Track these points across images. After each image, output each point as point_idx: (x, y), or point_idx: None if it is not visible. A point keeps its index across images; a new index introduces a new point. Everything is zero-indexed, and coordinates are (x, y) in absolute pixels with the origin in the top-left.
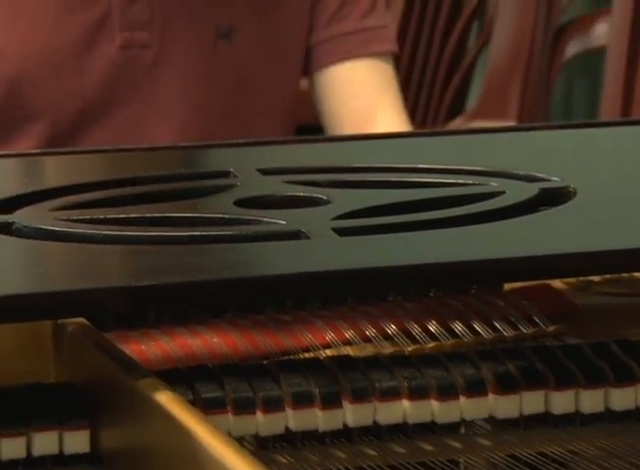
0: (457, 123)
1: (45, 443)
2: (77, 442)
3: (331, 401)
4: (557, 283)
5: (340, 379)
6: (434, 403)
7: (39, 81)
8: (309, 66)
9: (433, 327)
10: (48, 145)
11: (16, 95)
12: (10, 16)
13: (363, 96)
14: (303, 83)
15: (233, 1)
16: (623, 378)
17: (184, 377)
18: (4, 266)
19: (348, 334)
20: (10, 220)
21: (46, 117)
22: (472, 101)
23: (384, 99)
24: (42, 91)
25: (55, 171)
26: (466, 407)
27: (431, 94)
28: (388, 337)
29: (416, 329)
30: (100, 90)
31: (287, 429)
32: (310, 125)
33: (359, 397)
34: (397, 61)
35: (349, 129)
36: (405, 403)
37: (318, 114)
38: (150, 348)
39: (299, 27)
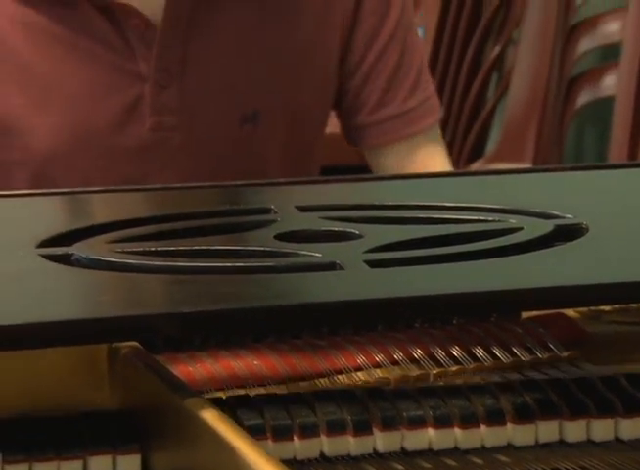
0: (478, 165)
1: (99, 466)
2: (129, 465)
3: (362, 429)
4: (570, 312)
5: (370, 408)
6: (458, 431)
7: (70, 159)
8: (360, 142)
9: (456, 352)
10: None
11: (47, 171)
12: (46, 96)
13: (413, 169)
14: (330, 126)
15: (258, 88)
16: (632, 409)
17: (228, 405)
18: (64, 294)
19: (378, 358)
20: (69, 252)
21: None
22: (491, 145)
23: (430, 163)
24: (73, 168)
25: (108, 208)
26: (486, 435)
27: (454, 139)
28: (414, 360)
29: (440, 354)
30: (129, 169)
31: (321, 453)
32: (334, 166)
33: (388, 424)
34: None
35: None
36: (430, 431)
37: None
38: (196, 369)
39: (325, 109)
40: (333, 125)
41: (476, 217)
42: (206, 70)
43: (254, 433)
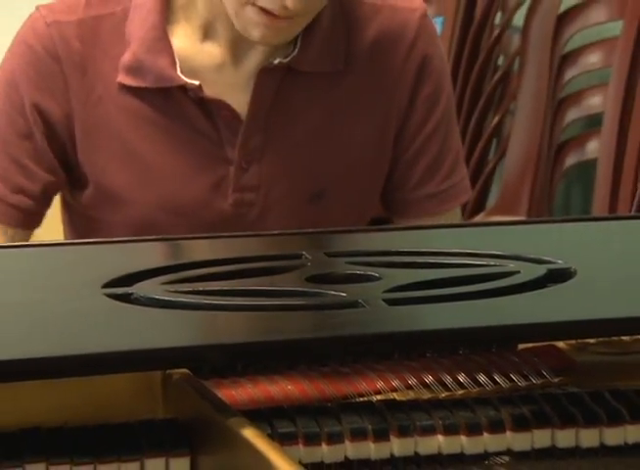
0: (480, 217)
1: (154, 467)
2: (180, 467)
3: (381, 435)
4: (560, 344)
5: (388, 418)
6: (464, 438)
7: (161, 227)
8: (398, 215)
9: (462, 378)
10: None
11: (142, 234)
12: (145, 174)
13: None
14: None
15: (324, 171)
16: (615, 420)
17: (265, 416)
18: (125, 328)
19: (394, 383)
20: (129, 292)
21: None
22: (491, 200)
23: None
24: (163, 235)
25: (163, 254)
26: (488, 442)
27: None
28: (426, 385)
29: (448, 379)
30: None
31: (346, 457)
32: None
33: (403, 432)
34: None
35: None
36: (440, 438)
37: None
38: (238, 392)
39: (380, 185)
40: None
41: (479, 262)
42: (281, 155)
43: (288, 439)
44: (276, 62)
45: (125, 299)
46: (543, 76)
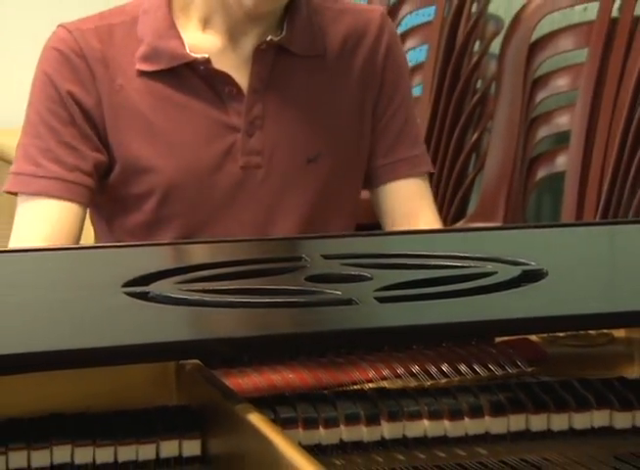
0: (461, 223)
1: (169, 448)
2: (192, 447)
3: (372, 420)
4: (533, 337)
5: (379, 404)
6: (447, 423)
7: (183, 190)
8: (372, 182)
9: (445, 368)
10: (186, 236)
11: (166, 199)
12: (165, 145)
13: (409, 203)
14: (364, 194)
15: (320, 135)
16: (582, 406)
17: (268, 402)
18: (142, 323)
19: (385, 372)
20: (146, 290)
21: (186, 216)
22: (471, 208)
23: (424, 204)
24: (185, 197)
25: (177, 256)
26: (469, 426)
27: (443, 203)
28: (412, 374)
29: (433, 369)
30: (226, 198)
31: (340, 440)
32: (365, 224)
33: (393, 417)
34: None
35: (400, 226)
36: (426, 422)
37: (378, 215)
38: (244, 381)
39: (364, 153)
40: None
41: (461, 264)
42: (280, 123)
43: (288, 424)
44: (268, 39)
45: (143, 297)
46: (517, 98)
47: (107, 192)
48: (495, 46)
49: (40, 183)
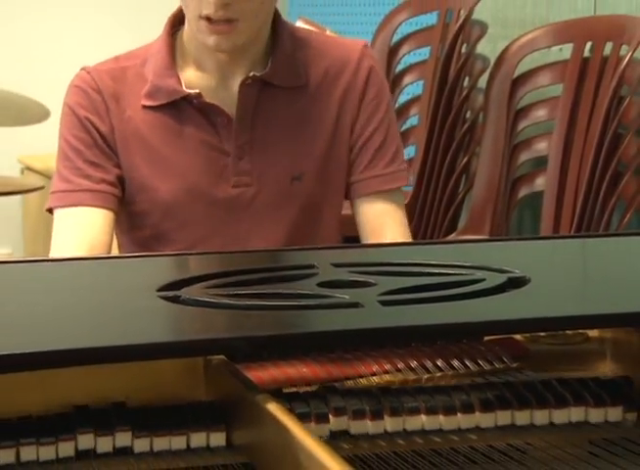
0: (452, 236)
1: (198, 439)
2: (218, 438)
3: (376, 415)
4: (517, 336)
5: (382, 401)
6: (442, 417)
7: (181, 208)
8: (349, 195)
9: (440, 363)
10: (188, 249)
11: (166, 215)
12: (164, 167)
13: (378, 219)
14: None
15: (302, 156)
16: (561, 403)
17: (285, 398)
18: (174, 323)
19: (387, 366)
20: (178, 294)
21: (186, 230)
22: (461, 223)
23: (391, 220)
24: (183, 213)
25: (204, 265)
26: (461, 420)
27: (437, 218)
28: (411, 369)
29: (429, 364)
30: (221, 213)
31: (349, 432)
32: (353, 237)
33: (394, 412)
34: (416, 200)
35: (367, 240)
36: (423, 417)
37: (356, 225)
38: (264, 374)
39: (344, 170)
40: (347, 208)
41: (453, 272)
42: (267, 146)
43: (302, 417)
44: (251, 74)
45: (175, 300)
46: (501, 127)
47: (124, 212)
48: (482, 81)
49: (72, 196)
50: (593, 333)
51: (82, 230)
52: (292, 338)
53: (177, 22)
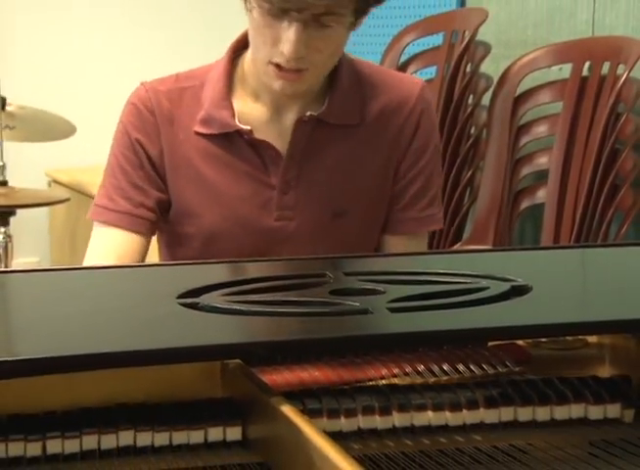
0: (458, 246)
1: (215, 434)
2: (234, 433)
3: (385, 411)
4: (520, 341)
5: (390, 398)
6: (448, 413)
7: (225, 234)
8: (387, 230)
9: (446, 367)
10: None
11: (210, 241)
12: (213, 196)
13: (404, 251)
14: None
15: (345, 196)
16: (562, 400)
17: (298, 396)
18: (194, 329)
19: (395, 370)
20: (197, 301)
21: (227, 256)
22: (466, 233)
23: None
24: (226, 241)
25: (222, 273)
26: (467, 416)
27: (442, 230)
28: (418, 372)
29: (435, 368)
30: (261, 244)
31: (358, 428)
32: None
33: (402, 408)
34: None
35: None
36: (430, 413)
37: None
38: (278, 377)
39: (385, 208)
40: None
41: (458, 280)
42: (312, 184)
43: (314, 414)
44: (308, 114)
45: (194, 307)
46: (504, 142)
47: (167, 224)
48: (486, 99)
49: (111, 215)
50: (592, 339)
51: (114, 251)
52: (304, 343)
53: (240, 47)
